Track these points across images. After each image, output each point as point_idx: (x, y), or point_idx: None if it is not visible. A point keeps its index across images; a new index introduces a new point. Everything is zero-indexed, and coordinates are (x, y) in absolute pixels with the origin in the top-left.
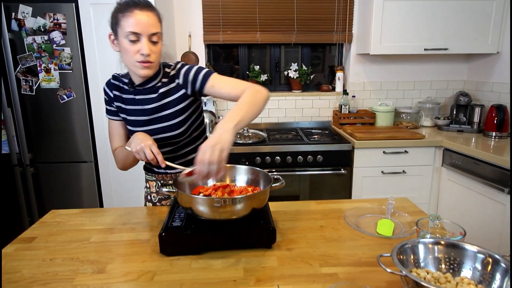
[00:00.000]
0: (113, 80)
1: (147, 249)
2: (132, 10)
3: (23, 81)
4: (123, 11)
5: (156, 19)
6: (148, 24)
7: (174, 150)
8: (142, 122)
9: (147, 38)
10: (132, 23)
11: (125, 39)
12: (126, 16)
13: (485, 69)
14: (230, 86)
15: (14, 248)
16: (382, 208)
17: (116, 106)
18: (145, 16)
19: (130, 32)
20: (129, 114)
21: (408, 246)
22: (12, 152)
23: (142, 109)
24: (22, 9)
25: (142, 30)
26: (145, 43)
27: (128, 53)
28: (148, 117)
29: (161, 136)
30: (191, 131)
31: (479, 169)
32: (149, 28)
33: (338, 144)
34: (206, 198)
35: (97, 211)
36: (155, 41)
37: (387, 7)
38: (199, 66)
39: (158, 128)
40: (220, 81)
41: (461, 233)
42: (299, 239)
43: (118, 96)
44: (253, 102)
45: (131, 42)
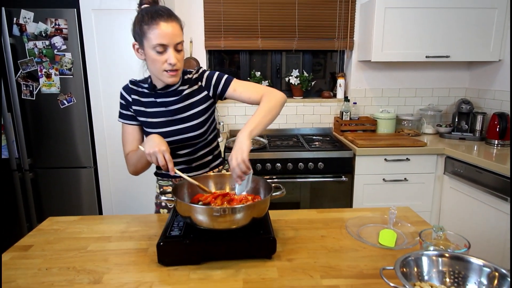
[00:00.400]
0: (131, 85)
1: (145, 259)
2: (158, 22)
3: (24, 86)
4: (148, 23)
5: (179, 28)
6: (174, 34)
7: (191, 152)
8: (165, 123)
9: (173, 47)
10: (159, 35)
11: (153, 50)
12: (152, 28)
13: (487, 76)
14: (250, 91)
15: (10, 257)
16: (384, 218)
17: (134, 110)
18: (170, 27)
19: (158, 44)
20: (151, 116)
21: (411, 258)
22: (12, 157)
23: (165, 110)
24: (23, 14)
25: (169, 42)
26: (172, 53)
27: (156, 63)
28: (171, 118)
29: (182, 136)
30: (208, 133)
31: (481, 178)
32: (175, 38)
33: (339, 151)
34: (205, 208)
35: (95, 219)
36: (179, 50)
37: (389, 14)
38: (220, 72)
39: (180, 129)
40: (241, 86)
41: (465, 245)
42: (300, 249)
43: (137, 100)
44: (268, 109)
45: (159, 53)
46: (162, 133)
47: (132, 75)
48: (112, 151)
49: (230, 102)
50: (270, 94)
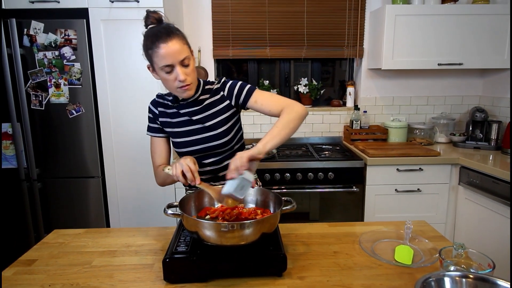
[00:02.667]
0: (157, 98)
1: (151, 275)
2: (158, 45)
3: (33, 96)
4: (151, 48)
5: (181, 43)
6: (175, 52)
7: (217, 161)
8: (190, 132)
9: (179, 64)
10: (162, 57)
11: (162, 71)
12: (155, 52)
13: (501, 84)
14: (271, 103)
15: (13, 272)
16: (399, 233)
17: (161, 122)
18: (171, 46)
19: (164, 65)
20: (177, 126)
21: (432, 279)
22: (20, 166)
23: (189, 119)
24: (34, 25)
25: (172, 61)
26: (179, 71)
27: (168, 82)
28: (195, 127)
29: (207, 145)
30: (234, 142)
31: (498, 188)
32: (178, 56)
33: (350, 160)
34: (213, 223)
35: (101, 232)
36: (186, 64)
37: (399, 21)
38: (242, 81)
39: (204, 138)
40: (263, 97)
41: (489, 265)
42: (312, 266)
43: (163, 111)
44: (286, 123)
45: (167, 73)
46: (187, 142)
47: (141, 85)
48: (120, 161)
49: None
50: (291, 107)
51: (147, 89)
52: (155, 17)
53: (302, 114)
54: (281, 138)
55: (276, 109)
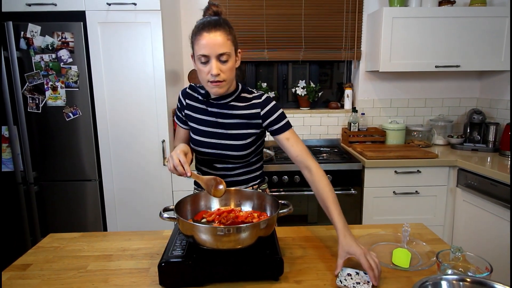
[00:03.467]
0: (189, 89)
1: (146, 280)
2: (201, 33)
3: (30, 99)
4: (195, 35)
5: (225, 38)
6: (216, 45)
7: (229, 168)
8: (210, 133)
9: (216, 58)
10: (201, 46)
11: (198, 61)
12: (197, 39)
13: (499, 86)
14: (298, 150)
15: (7, 277)
16: (397, 236)
17: (186, 114)
18: (213, 37)
19: (200, 55)
20: (200, 123)
21: (429, 283)
22: (17, 170)
23: (214, 121)
24: (31, 28)
25: (209, 52)
26: (213, 64)
27: (201, 73)
28: (217, 130)
29: (223, 152)
30: (251, 156)
31: (496, 190)
32: (217, 49)
33: (348, 163)
34: (209, 227)
35: (97, 235)
36: (224, 60)
37: (396, 24)
38: (282, 111)
39: (222, 144)
40: (294, 140)
41: (487, 269)
42: (309, 269)
43: (191, 105)
44: (335, 196)
45: (203, 64)
46: (206, 143)
47: (138, 88)
48: (117, 164)
49: None
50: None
51: (144, 92)
52: (214, 9)
53: None
54: None
55: (300, 159)
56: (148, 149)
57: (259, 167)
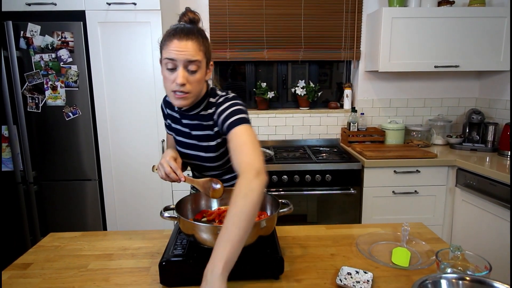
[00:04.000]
0: (167, 98)
1: (147, 279)
2: (171, 39)
3: (30, 99)
4: (165, 40)
5: (197, 48)
6: (185, 52)
7: (217, 175)
8: (185, 144)
9: (183, 66)
10: (169, 50)
11: (164, 66)
12: (166, 44)
13: (498, 86)
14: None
15: (8, 276)
16: (396, 235)
17: (167, 123)
18: (183, 44)
19: (167, 59)
20: (176, 133)
21: (429, 282)
22: (16, 169)
23: (187, 132)
24: (30, 28)
25: (177, 57)
26: (180, 72)
27: (165, 81)
28: (191, 141)
29: (201, 164)
30: (226, 163)
31: (495, 190)
32: (185, 56)
33: (347, 163)
34: (210, 226)
35: (97, 235)
36: (193, 71)
37: (396, 24)
38: (235, 109)
39: (199, 156)
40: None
41: (486, 267)
42: (309, 268)
43: (170, 114)
44: (242, 219)
45: (169, 71)
46: (184, 153)
47: (138, 88)
48: (117, 164)
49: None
50: (246, 191)
51: (144, 92)
52: (190, 16)
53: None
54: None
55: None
56: (148, 148)
57: None
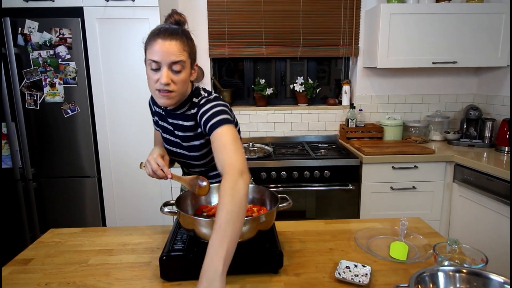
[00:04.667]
0: None
1: (147, 273)
2: (155, 39)
3: (28, 96)
4: (149, 40)
5: (181, 48)
6: (169, 52)
7: (202, 172)
8: (170, 141)
9: (167, 66)
10: (153, 51)
11: (148, 66)
12: (150, 44)
13: (495, 82)
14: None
15: (9, 271)
16: (394, 229)
17: (155, 119)
18: (167, 44)
19: (151, 60)
20: (163, 130)
21: (426, 274)
22: (15, 166)
23: (172, 130)
24: (28, 24)
25: (161, 59)
26: (164, 72)
27: (149, 81)
28: (175, 139)
29: (187, 161)
30: (211, 160)
31: (492, 185)
32: (169, 57)
33: (346, 159)
34: (210, 220)
35: (97, 231)
36: (177, 70)
37: (394, 20)
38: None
39: (183, 154)
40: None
41: (482, 260)
42: (307, 263)
43: (157, 112)
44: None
45: (153, 71)
46: (170, 150)
47: (137, 84)
48: (116, 161)
49: (250, 111)
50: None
51: (143, 88)
52: (176, 18)
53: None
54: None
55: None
56: (146, 145)
57: None
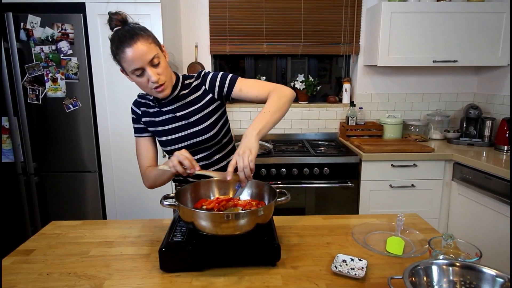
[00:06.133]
0: (139, 99)
1: (147, 265)
2: (123, 50)
3: (30, 90)
4: (118, 54)
5: (147, 43)
6: (142, 55)
7: (206, 157)
8: (175, 129)
9: (149, 65)
10: (129, 62)
11: (133, 75)
12: (122, 58)
13: (496, 81)
14: (257, 89)
15: (11, 261)
16: (391, 225)
17: (144, 122)
18: (136, 48)
19: (133, 69)
20: (161, 124)
21: (420, 267)
22: (17, 160)
23: (173, 116)
24: (30, 19)
25: (141, 64)
26: (150, 72)
27: (141, 85)
28: (180, 123)
29: (194, 140)
30: (221, 136)
31: (491, 184)
32: (145, 58)
33: (345, 156)
34: (209, 213)
35: (98, 223)
36: (156, 63)
37: (395, 19)
38: (223, 72)
39: (191, 133)
40: (247, 84)
41: (476, 254)
42: (305, 256)
43: (146, 111)
44: (276, 107)
45: (139, 76)
46: (174, 139)
47: None
48: (117, 156)
49: (234, 107)
50: (278, 90)
51: None
52: (118, 18)
53: (291, 97)
54: (275, 121)
55: (263, 94)
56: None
57: (232, 149)
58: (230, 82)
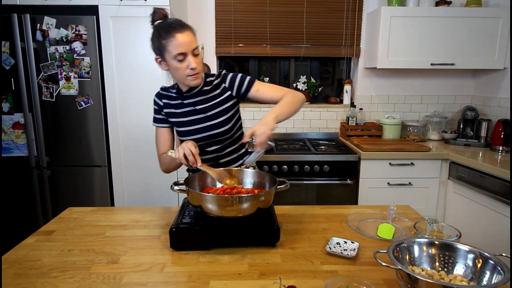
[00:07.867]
0: (162, 91)
1: (158, 244)
2: (173, 35)
3: (44, 88)
4: (166, 37)
5: (193, 35)
6: (189, 42)
7: (219, 149)
8: (193, 121)
9: (191, 53)
10: (177, 45)
11: (174, 60)
12: (170, 41)
13: (492, 84)
14: (273, 91)
15: (35, 239)
16: (383, 214)
17: (165, 113)
18: (185, 36)
19: (178, 53)
20: (181, 116)
21: (404, 245)
22: (31, 155)
23: (193, 109)
24: (46, 21)
25: (186, 49)
26: (191, 59)
27: (179, 71)
28: (198, 116)
29: (210, 133)
30: (234, 130)
31: (485, 183)
32: (191, 45)
33: (345, 154)
34: (215, 196)
35: (111, 209)
36: (196, 54)
37: (394, 23)
38: (242, 74)
39: (207, 126)
40: (264, 86)
41: (456, 235)
42: (302, 239)
43: (168, 103)
44: (291, 103)
45: (180, 62)
46: (192, 130)
47: (147, 79)
48: (125, 151)
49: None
50: (292, 92)
51: (152, 83)
52: (163, 13)
53: (303, 100)
54: (288, 114)
55: (278, 96)
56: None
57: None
58: (249, 83)
